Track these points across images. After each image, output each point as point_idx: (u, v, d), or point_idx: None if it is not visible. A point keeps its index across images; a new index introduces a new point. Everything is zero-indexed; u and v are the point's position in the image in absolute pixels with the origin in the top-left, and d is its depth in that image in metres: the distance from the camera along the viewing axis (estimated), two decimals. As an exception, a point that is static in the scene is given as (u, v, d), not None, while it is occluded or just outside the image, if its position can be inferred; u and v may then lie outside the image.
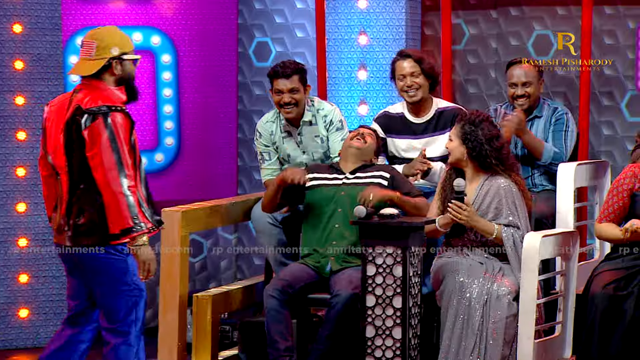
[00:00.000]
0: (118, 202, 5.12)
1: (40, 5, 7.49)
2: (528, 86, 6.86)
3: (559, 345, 6.25)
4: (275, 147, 6.94)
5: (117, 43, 5.31)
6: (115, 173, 5.12)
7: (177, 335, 6.38)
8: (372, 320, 6.07)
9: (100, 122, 5.14)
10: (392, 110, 6.93)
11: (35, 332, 7.57)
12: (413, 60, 6.73)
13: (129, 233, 5.15)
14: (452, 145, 6.24)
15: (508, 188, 6.19)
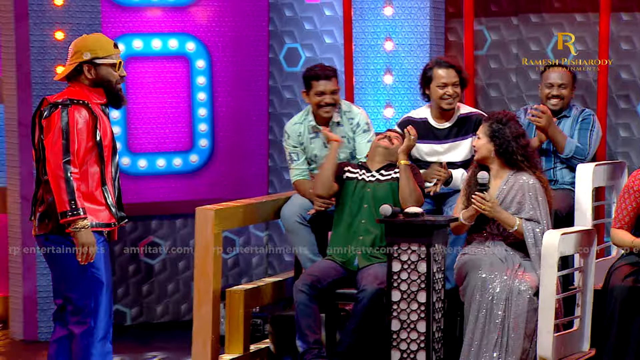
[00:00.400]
0: (58, 186, 5.10)
1: (81, 13, 7.52)
2: (564, 88, 6.87)
3: (578, 338, 6.22)
4: (303, 148, 6.93)
5: (90, 48, 5.29)
6: (59, 159, 5.11)
7: (210, 328, 6.39)
8: (397, 314, 6.06)
9: (58, 113, 5.16)
10: (415, 115, 6.90)
11: (75, 325, 7.58)
12: (455, 70, 6.71)
13: (65, 216, 5.09)
14: (480, 143, 6.24)
15: (532, 184, 6.19)
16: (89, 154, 5.20)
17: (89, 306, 5.23)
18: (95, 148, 5.21)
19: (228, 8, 8.04)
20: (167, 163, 8.05)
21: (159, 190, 8.02)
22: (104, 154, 5.25)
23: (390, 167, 6.53)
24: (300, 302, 6.26)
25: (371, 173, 6.54)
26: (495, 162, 6.26)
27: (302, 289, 6.28)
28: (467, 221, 6.20)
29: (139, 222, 8.01)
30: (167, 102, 7.99)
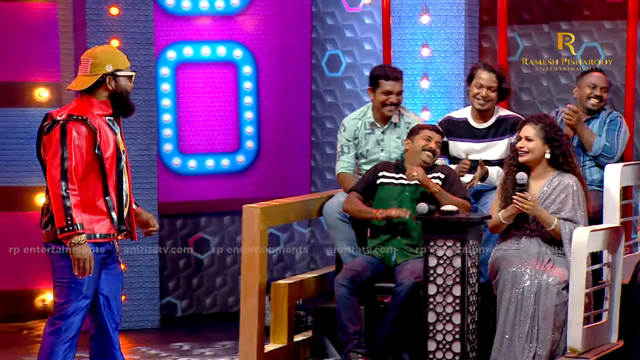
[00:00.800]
0: (56, 202, 5.01)
1: (135, 22, 7.57)
2: (604, 91, 6.85)
3: (606, 331, 6.20)
4: (355, 143, 6.92)
5: (111, 60, 5.19)
6: (57, 176, 5.01)
7: (256, 320, 6.40)
8: (433, 307, 6.07)
9: (57, 130, 5.04)
10: (455, 115, 6.92)
11: (130, 316, 7.65)
12: (496, 76, 6.71)
13: (62, 232, 5.00)
14: (534, 145, 6.20)
15: (575, 186, 6.18)
16: (90, 167, 5.09)
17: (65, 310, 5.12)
18: (96, 161, 5.09)
19: (273, 17, 8.07)
20: (215, 163, 8.09)
21: (208, 189, 8.07)
22: (106, 166, 5.13)
23: (425, 170, 6.49)
24: (341, 295, 6.29)
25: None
26: (543, 163, 6.24)
27: (343, 283, 6.31)
28: (506, 220, 6.19)
29: (189, 219, 8.05)
30: (215, 106, 8.03)
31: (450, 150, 6.85)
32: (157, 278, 7.71)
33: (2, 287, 7.83)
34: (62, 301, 5.12)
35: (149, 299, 7.67)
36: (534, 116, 6.34)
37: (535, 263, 6.09)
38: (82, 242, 5.02)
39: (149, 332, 7.58)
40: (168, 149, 7.97)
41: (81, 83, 5.17)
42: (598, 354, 6.02)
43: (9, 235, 7.71)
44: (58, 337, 5.14)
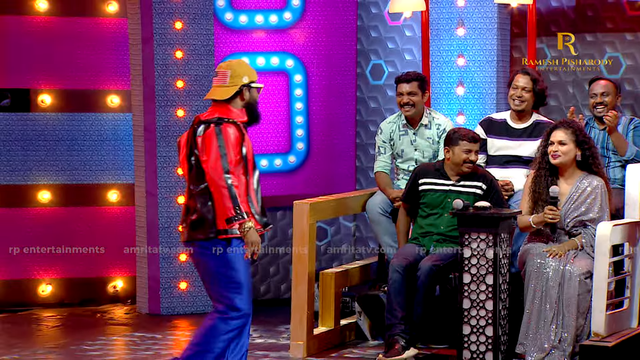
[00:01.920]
0: (222, 195, 5.01)
1: (198, 35, 7.61)
2: (606, 96, 6.83)
3: (627, 316, 6.17)
4: (391, 144, 6.95)
5: (247, 73, 5.25)
6: (220, 171, 5.02)
7: (306, 305, 6.42)
8: (468, 294, 6.07)
9: (212, 130, 5.07)
10: (496, 116, 6.95)
11: (192, 301, 7.69)
12: (530, 78, 6.73)
13: (232, 221, 5.02)
14: (567, 148, 6.16)
15: (601, 188, 6.15)
16: (237, 167, 5.11)
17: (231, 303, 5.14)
18: (242, 161, 5.14)
19: (322, 30, 8.09)
20: (269, 163, 8.13)
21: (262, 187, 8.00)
22: (248, 167, 5.19)
23: (469, 178, 6.42)
24: (394, 280, 6.23)
25: (452, 182, 6.43)
26: (572, 166, 6.21)
27: (398, 269, 6.24)
28: (536, 226, 6.18)
29: (245, 214, 8.08)
30: (269, 111, 8.05)
31: (488, 148, 6.86)
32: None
33: (78, 275, 7.92)
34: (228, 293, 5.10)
35: (209, 286, 7.70)
36: (563, 121, 6.31)
37: (561, 255, 6.08)
38: (253, 227, 5.06)
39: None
40: (226, 150, 7.99)
41: (222, 93, 5.21)
42: (619, 338, 5.99)
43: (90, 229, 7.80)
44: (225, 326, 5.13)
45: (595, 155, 6.19)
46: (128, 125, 7.90)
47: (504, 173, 6.76)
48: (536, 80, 6.75)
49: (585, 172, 6.21)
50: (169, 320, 7.46)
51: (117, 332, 7.17)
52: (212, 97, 5.26)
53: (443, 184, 6.45)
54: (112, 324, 7.42)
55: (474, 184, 6.41)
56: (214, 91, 5.26)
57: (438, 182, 6.48)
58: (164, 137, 7.59)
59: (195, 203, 5.14)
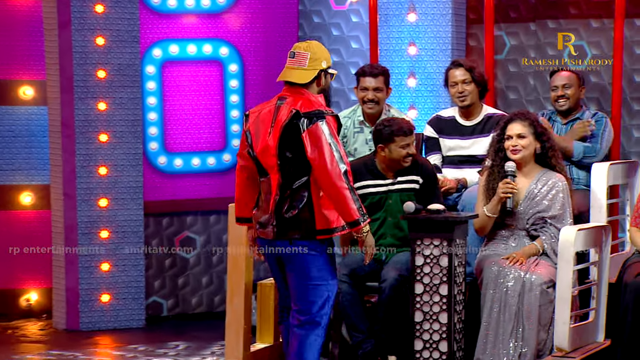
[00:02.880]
0: (344, 197, 5.11)
1: (121, 19, 7.55)
2: (568, 88, 6.88)
3: (593, 330, 6.20)
4: (344, 141, 6.91)
5: (326, 57, 5.34)
6: (337, 170, 5.11)
7: (242, 319, 6.39)
8: (420, 306, 6.06)
9: (318, 126, 5.14)
10: (443, 114, 6.96)
11: (115, 316, 7.62)
12: (464, 68, 6.75)
13: (357, 224, 5.16)
14: (527, 142, 6.17)
15: (562, 184, 6.17)
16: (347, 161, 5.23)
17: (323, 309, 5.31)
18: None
19: (260, 15, 8.05)
20: (201, 162, 8.07)
21: (194, 188, 8.05)
22: None
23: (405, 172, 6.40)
24: (345, 292, 6.20)
25: (390, 181, 6.40)
26: (531, 161, 6.22)
27: (344, 279, 6.21)
28: (491, 213, 6.16)
29: (175, 218, 8.03)
30: (201, 104, 8.01)
31: (441, 146, 6.88)
32: (142, 277, 7.69)
33: (-13, 286, 7.81)
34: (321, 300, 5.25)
35: (135, 298, 7.65)
36: (518, 113, 6.30)
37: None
38: (370, 231, 5.23)
39: (134, 331, 7.56)
40: (154, 148, 7.94)
41: (302, 76, 5.27)
42: (585, 353, 6.02)
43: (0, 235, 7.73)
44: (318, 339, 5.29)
45: (554, 148, 6.21)
46: (43, 119, 7.80)
47: (459, 174, 6.78)
48: (472, 69, 6.76)
49: (545, 169, 6.23)
50: (89, 337, 7.39)
51: (30, 351, 7.07)
52: (290, 79, 5.30)
53: (380, 184, 6.40)
54: (25, 341, 7.32)
55: (411, 178, 6.38)
56: (290, 73, 5.31)
57: (374, 184, 6.42)
58: (84, 133, 7.51)
59: (292, 200, 5.21)
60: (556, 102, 6.91)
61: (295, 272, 5.30)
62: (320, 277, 5.27)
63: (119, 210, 7.60)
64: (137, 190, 7.65)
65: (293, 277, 5.32)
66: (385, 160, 6.37)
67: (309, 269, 5.26)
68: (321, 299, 5.28)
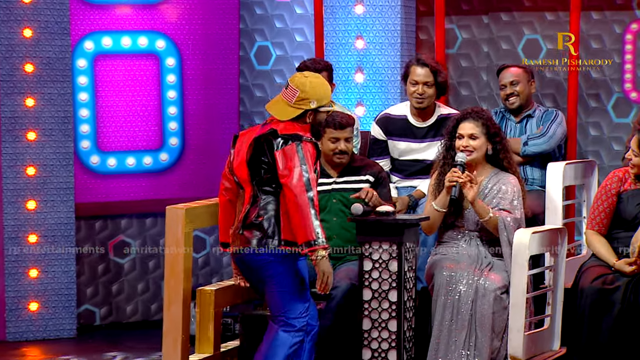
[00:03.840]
0: (304, 216, 5.40)
1: (50, 10, 7.49)
2: (516, 85, 6.94)
3: (548, 337, 6.26)
4: None
5: (318, 97, 5.56)
6: (303, 190, 5.40)
7: (181, 328, 6.37)
8: (368, 313, 6.08)
9: (293, 147, 5.45)
10: (393, 112, 6.92)
11: (44, 325, 7.57)
12: (429, 70, 6.72)
13: (310, 245, 5.41)
14: (479, 143, 6.20)
15: (514, 182, 6.22)
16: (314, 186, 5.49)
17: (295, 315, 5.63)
18: (314, 181, 5.51)
19: (198, 5, 8.03)
20: (136, 162, 8.03)
21: (128, 189, 8.01)
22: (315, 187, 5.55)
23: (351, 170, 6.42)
24: None
25: (333, 180, 6.43)
26: (483, 161, 6.26)
27: None
28: (439, 206, 6.19)
29: (109, 221, 7.99)
30: (136, 100, 7.98)
31: (390, 150, 6.85)
32: (73, 284, 7.64)
33: None
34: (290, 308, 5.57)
35: (65, 307, 7.60)
36: (471, 111, 6.31)
37: (473, 266, 6.12)
38: (326, 257, 5.47)
39: (64, 342, 7.52)
40: (85, 147, 7.90)
41: (284, 113, 5.56)
42: (540, 361, 6.08)
43: None
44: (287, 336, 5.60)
45: (506, 148, 6.27)
46: (-34, 116, 7.73)
47: (410, 183, 6.78)
48: (437, 72, 6.74)
49: (497, 169, 6.28)
50: (16, 348, 7.34)
51: (-47, 364, 7.01)
52: (271, 112, 5.60)
53: (323, 183, 6.42)
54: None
55: (359, 178, 6.41)
56: (276, 105, 5.60)
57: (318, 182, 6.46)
58: (10, 130, 7.45)
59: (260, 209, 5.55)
60: (506, 100, 6.97)
61: (263, 280, 5.61)
62: (286, 284, 5.56)
63: (49, 212, 7.55)
64: (67, 192, 7.61)
65: (263, 285, 5.64)
66: (324, 157, 6.41)
67: (275, 277, 5.57)
68: (291, 304, 5.58)
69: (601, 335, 5.99)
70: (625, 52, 7.58)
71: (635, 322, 5.95)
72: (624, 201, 6.19)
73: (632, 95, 7.61)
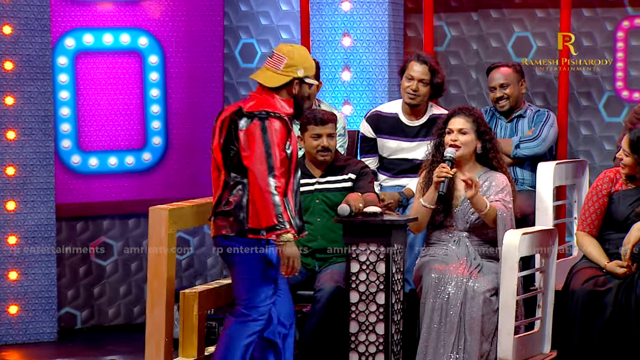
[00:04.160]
0: (265, 200, 5.33)
1: (30, 6, 7.47)
2: (506, 88, 6.94)
3: (539, 340, 6.26)
4: None
5: (306, 66, 5.51)
6: (265, 173, 5.33)
7: (164, 331, 6.35)
8: (355, 316, 6.07)
9: (257, 125, 5.36)
10: (385, 109, 6.92)
11: (24, 328, 7.54)
12: (428, 68, 6.74)
13: (273, 230, 5.36)
14: (468, 138, 6.22)
15: (504, 180, 6.22)
16: (281, 167, 5.40)
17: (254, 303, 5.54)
18: (286, 160, 5.42)
19: (182, 2, 8.02)
20: (119, 161, 8.01)
21: (110, 190, 7.99)
22: (291, 167, 5.46)
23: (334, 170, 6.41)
24: None
25: (316, 180, 6.43)
26: (472, 159, 6.26)
27: None
28: (427, 202, 6.18)
29: (90, 222, 7.97)
30: (119, 98, 7.96)
31: (379, 148, 6.85)
32: (54, 287, 7.62)
33: None
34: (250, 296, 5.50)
35: (46, 310, 7.57)
36: (462, 108, 6.34)
37: (462, 268, 6.12)
38: (292, 240, 5.39)
39: (45, 346, 7.49)
40: (66, 146, 7.87)
41: (271, 80, 5.49)
42: (530, 365, 6.09)
43: None
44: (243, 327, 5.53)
45: (496, 148, 6.27)
46: (-56, 115, 7.70)
47: (397, 182, 6.77)
48: (435, 72, 6.75)
49: (487, 168, 6.28)
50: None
51: None
52: (258, 79, 5.52)
53: (306, 183, 6.42)
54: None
55: (342, 177, 6.40)
56: (263, 73, 5.53)
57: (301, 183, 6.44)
58: (-11, 129, 7.43)
59: (229, 195, 5.48)
60: (496, 103, 6.96)
61: (231, 268, 5.58)
62: (250, 272, 5.51)
63: (28, 213, 7.52)
64: (48, 192, 7.58)
65: (230, 273, 5.61)
66: (308, 155, 6.40)
67: (240, 266, 5.52)
68: (252, 292, 5.52)
69: (592, 338, 5.99)
70: (617, 49, 7.59)
71: (627, 325, 5.96)
72: (615, 202, 6.19)
73: (623, 94, 7.62)
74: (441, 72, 6.79)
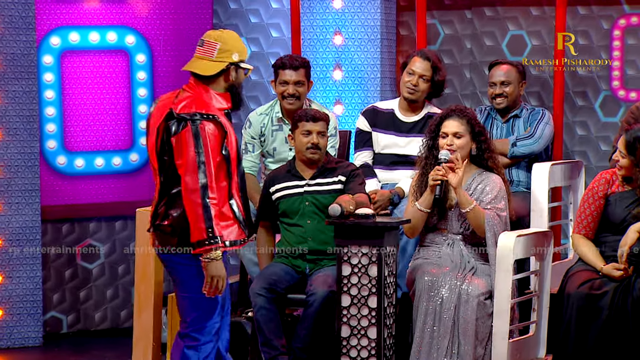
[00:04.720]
0: (196, 213, 5.06)
1: (14, 4, 7.46)
2: (506, 86, 6.95)
3: (534, 344, 6.28)
4: (261, 140, 6.92)
5: (239, 50, 5.27)
6: (196, 185, 5.07)
7: (151, 335, 6.37)
8: (347, 320, 6.08)
9: (189, 131, 5.08)
10: (381, 105, 6.97)
11: (9, 333, 7.54)
12: (430, 64, 6.77)
13: (202, 245, 5.08)
14: (463, 142, 6.23)
15: (499, 182, 6.23)
16: (217, 170, 5.14)
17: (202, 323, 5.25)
18: (223, 163, 5.17)
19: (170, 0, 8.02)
20: (105, 162, 8.02)
21: (97, 191, 7.99)
22: (231, 168, 5.20)
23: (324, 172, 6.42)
24: (260, 306, 6.21)
25: (306, 182, 6.44)
26: (466, 161, 6.27)
27: (261, 292, 6.22)
28: (423, 206, 6.19)
29: (76, 224, 7.97)
30: (105, 98, 7.95)
31: (373, 142, 6.88)
32: (39, 290, 7.61)
33: None
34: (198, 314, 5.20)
35: (31, 314, 7.57)
36: (456, 109, 6.34)
37: (456, 271, 6.13)
38: (219, 258, 5.09)
39: (30, 351, 7.49)
40: (52, 146, 7.87)
41: (207, 68, 5.21)
42: (525, 369, 6.10)
43: None
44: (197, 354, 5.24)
45: (491, 148, 6.29)
46: None
47: (389, 175, 6.81)
48: (437, 69, 6.79)
49: (481, 169, 6.30)
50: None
51: None
52: (193, 69, 5.24)
53: (296, 185, 6.43)
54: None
55: (332, 179, 6.42)
56: (196, 63, 5.25)
57: (290, 185, 6.45)
58: (-27, 130, 7.43)
59: (169, 206, 5.19)
60: (493, 99, 6.98)
61: (175, 282, 5.32)
62: (192, 289, 5.21)
63: (13, 215, 7.52)
64: (33, 194, 7.58)
65: (175, 289, 5.35)
66: (297, 155, 6.42)
67: (184, 281, 5.25)
68: (197, 311, 5.24)
69: (588, 342, 6.01)
70: (613, 48, 7.61)
71: (623, 328, 5.98)
72: (612, 204, 6.21)
73: (620, 94, 7.65)
74: (443, 71, 6.83)
